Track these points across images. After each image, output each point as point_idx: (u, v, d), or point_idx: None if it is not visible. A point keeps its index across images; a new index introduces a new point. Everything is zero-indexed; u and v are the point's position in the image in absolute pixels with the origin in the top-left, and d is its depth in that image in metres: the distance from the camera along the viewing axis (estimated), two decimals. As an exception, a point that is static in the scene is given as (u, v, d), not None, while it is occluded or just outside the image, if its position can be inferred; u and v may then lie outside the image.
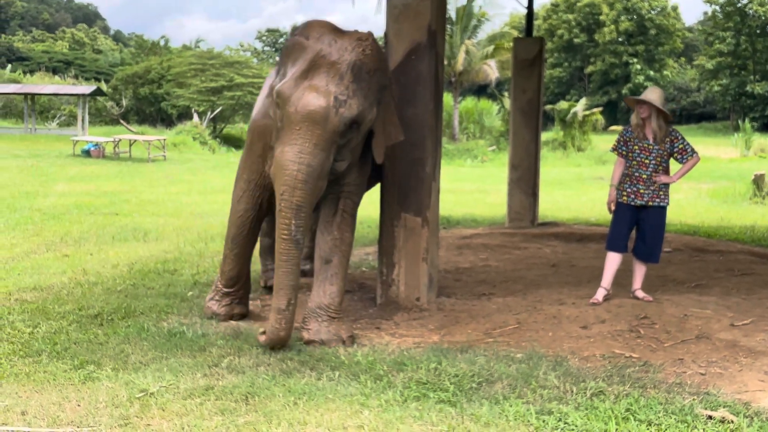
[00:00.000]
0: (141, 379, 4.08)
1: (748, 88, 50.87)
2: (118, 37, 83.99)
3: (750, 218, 12.22)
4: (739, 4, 52.28)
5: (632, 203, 5.88)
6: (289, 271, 4.51)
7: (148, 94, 40.61)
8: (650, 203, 5.86)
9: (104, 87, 40.28)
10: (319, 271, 5.10)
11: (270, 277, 6.26)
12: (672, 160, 5.97)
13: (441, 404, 3.82)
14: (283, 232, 4.47)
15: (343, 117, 4.50)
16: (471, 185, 19.06)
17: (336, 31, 4.74)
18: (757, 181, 15.55)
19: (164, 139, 27.08)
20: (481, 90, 46.41)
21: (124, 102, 38.54)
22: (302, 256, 4.94)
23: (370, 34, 4.76)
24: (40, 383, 4.04)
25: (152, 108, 41.37)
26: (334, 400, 3.85)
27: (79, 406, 3.75)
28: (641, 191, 5.85)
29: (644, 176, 5.84)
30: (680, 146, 5.89)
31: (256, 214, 5.47)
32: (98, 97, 36.73)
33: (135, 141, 26.07)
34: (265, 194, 5.34)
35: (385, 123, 5.04)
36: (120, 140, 25.79)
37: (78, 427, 3.52)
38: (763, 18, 50.84)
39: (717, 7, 53.66)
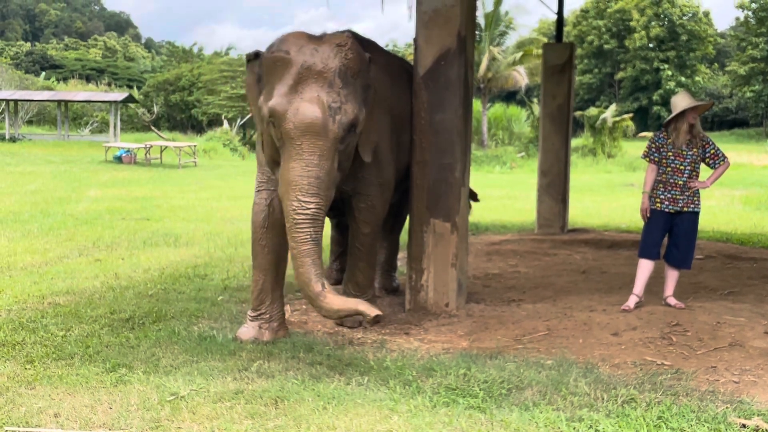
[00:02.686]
0: (172, 383, 4.10)
1: (782, 94, 50.22)
2: (149, 45, 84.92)
3: (784, 225, 12.04)
4: (773, 9, 51.62)
5: (667, 210, 5.83)
6: (312, 264, 4.44)
7: (178, 101, 41.05)
8: (685, 209, 5.81)
9: (136, 94, 40.82)
10: (348, 260, 5.67)
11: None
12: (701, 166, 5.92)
13: (470, 410, 3.80)
14: (305, 240, 4.45)
15: (342, 123, 4.52)
16: (500, 191, 18.99)
17: (314, 39, 4.73)
18: (791, 187, 15.35)
19: (195, 146, 27.32)
20: (510, 96, 46.32)
21: (156, 109, 38.95)
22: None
23: (348, 37, 4.77)
24: (73, 386, 4.08)
25: (183, 115, 41.80)
26: (363, 405, 3.84)
27: (110, 408, 3.78)
28: (677, 197, 5.80)
29: (680, 182, 5.78)
30: (712, 151, 5.84)
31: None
32: (130, 104, 37.15)
33: (166, 147, 26.32)
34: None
35: (370, 122, 4.98)
36: (151, 146, 26.06)
37: (110, 429, 3.55)
38: (798, 23, 50.15)
39: (750, 13, 53.01)
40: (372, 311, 4.30)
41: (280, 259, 5.23)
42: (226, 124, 35.07)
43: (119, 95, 34.19)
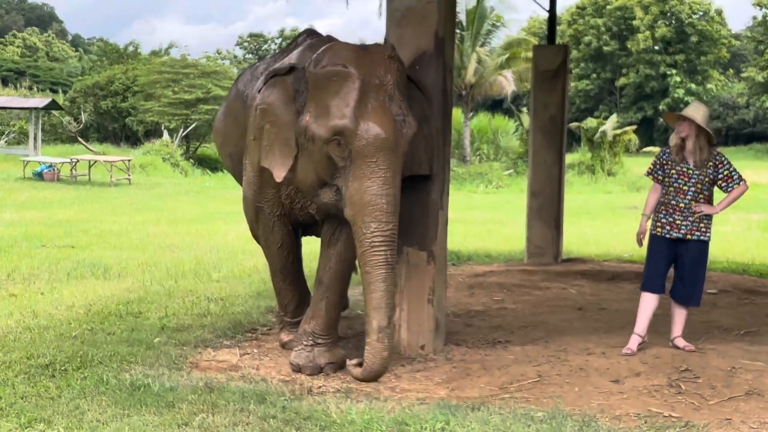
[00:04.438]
0: (98, 440, 4.05)
1: (805, 103, 51.07)
2: (77, 42, 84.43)
3: (808, 255, 12.20)
4: (795, 8, 52.65)
5: (668, 236, 5.89)
6: (387, 290, 4.96)
7: (110, 108, 40.78)
8: (689, 236, 5.86)
9: (60, 100, 40.44)
10: (315, 292, 5.70)
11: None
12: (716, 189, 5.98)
13: (449, 471, 3.80)
14: (381, 264, 4.94)
15: (408, 137, 5.03)
16: (484, 215, 19.07)
17: (365, 51, 5.15)
18: (816, 211, 15.55)
19: (129, 160, 27.16)
20: (496, 105, 46.63)
21: (83, 117, 38.67)
22: None
23: (393, 47, 5.26)
24: (-19, 444, 4.02)
25: (115, 124, 41.55)
26: (324, 465, 3.82)
27: (25, 471, 3.73)
28: (678, 222, 5.86)
29: (682, 205, 5.85)
30: (725, 172, 5.89)
31: (293, 236, 6.00)
32: (53, 112, 36.85)
33: (95, 162, 26.13)
34: (290, 212, 5.75)
35: None
36: (78, 161, 25.86)
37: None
38: (822, 23, 51.15)
39: (768, 11, 54.03)
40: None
41: (302, 265, 6.26)
42: (166, 135, 34.89)
43: (41, 101, 33.87)
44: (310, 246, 6.59)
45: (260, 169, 5.52)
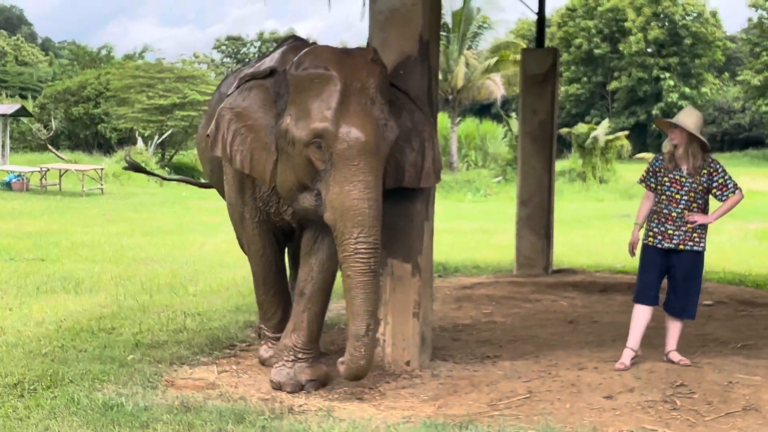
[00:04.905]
0: (69, 463, 4.03)
1: (802, 108, 51.38)
2: (47, 46, 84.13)
3: (806, 264, 12.28)
4: (791, 8, 53.01)
5: (660, 246, 5.92)
6: (367, 297, 4.98)
7: (82, 115, 40.64)
8: (681, 246, 5.89)
9: (30, 106, 40.26)
10: (296, 304, 5.73)
11: None
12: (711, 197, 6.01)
13: (435, 492, 3.80)
14: (364, 270, 4.95)
15: (389, 141, 5.08)
16: (472, 224, 19.10)
17: (347, 54, 5.20)
18: (815, 219, 15.62)
19: (101, 169, 27.09)
20: (484, 110, 46.77)
21: (54, 124, 38.55)
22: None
23: (375, 50, 5.29)
24: (-55, 468, 3.99)
25: (87, 131, 41.40)
26: (305, 487, 3.81)
27: (-8, 496, 3.70)
28: (670, 232, 5.89)
29: (674, 214, 5.88)
30: (720, 180, 5.91)
31: (275, 245, 6.01)
32: (22, 119, 36.69)
33: (66, 171, 26.05)
34: (267, 217, 5.78)
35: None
36: (48, 170, 25.77)
37: None
38: (820, 25, 51.51)
39: (764, 13, 54.37)
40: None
41: (286, 276, 6.35)
42: (140, 142, 34.83)
43: (9, 107, 33.71)
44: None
45: (235, 171, 5.60)
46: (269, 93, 5.29)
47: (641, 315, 5.99)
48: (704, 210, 5.96)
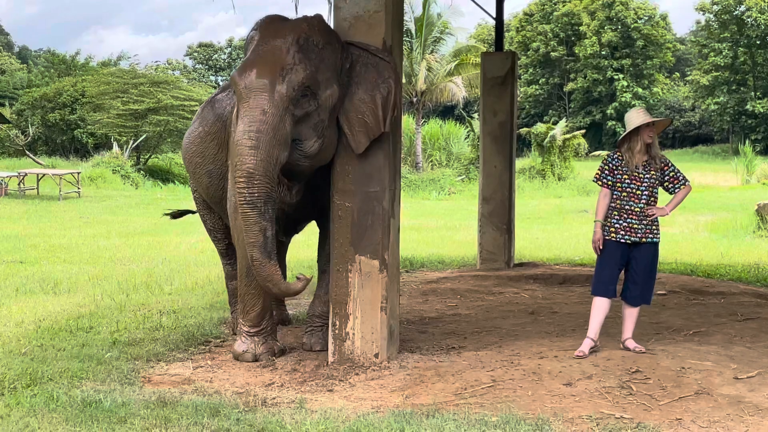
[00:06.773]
0: (49, 459, 4.00)
1: (749, 106, 52.03)
2: (24, 55, 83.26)
3: (754, 254, 12.44)
4: (736, 12, 53.63)
5: (622, 240, 5.95)
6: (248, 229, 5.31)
7: (59, 121, 40.23)
8: (644, 239, 5.94)
9: (7, 113, 39.82)
10: (319, 282, 6.38)
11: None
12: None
13: (404, 479, 3.80)
14: (239, 199, 5.23)
15: (291, 81, 5.24)
16: (437, 221, 19.15)
17: (285, 19, 5.61)
18: (761, 211, 15.76)
19: (78, 173, 26.84)
20: (447, 111, 46.91)
21: (31, 130, 38.13)
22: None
23: (318, 16, 5.60)
24: (-73, 467, 3.94)
25: (64, 137, 40.99)
26: (279, 477, 3.80)
27: (-27, 493, 3.66)
28: (634, 226, 5.93)
29: (637, 209, 5.92)
30: (671, 174, 5.99)
31: None
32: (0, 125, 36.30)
33: (44, 175, 25.81)
34: None
35: (355, 108, 5.63)
36: (26, 175, 25.52)
37: None
38: (764, 27, 52.14)
39: (711, 16, 54.98)
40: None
41: None
42: (116, 147, 34.50)
43: (-14, 114, 33.39)
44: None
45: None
46: None
47: (600, 307, 6.02)
48: (656, 203, 6.02)
